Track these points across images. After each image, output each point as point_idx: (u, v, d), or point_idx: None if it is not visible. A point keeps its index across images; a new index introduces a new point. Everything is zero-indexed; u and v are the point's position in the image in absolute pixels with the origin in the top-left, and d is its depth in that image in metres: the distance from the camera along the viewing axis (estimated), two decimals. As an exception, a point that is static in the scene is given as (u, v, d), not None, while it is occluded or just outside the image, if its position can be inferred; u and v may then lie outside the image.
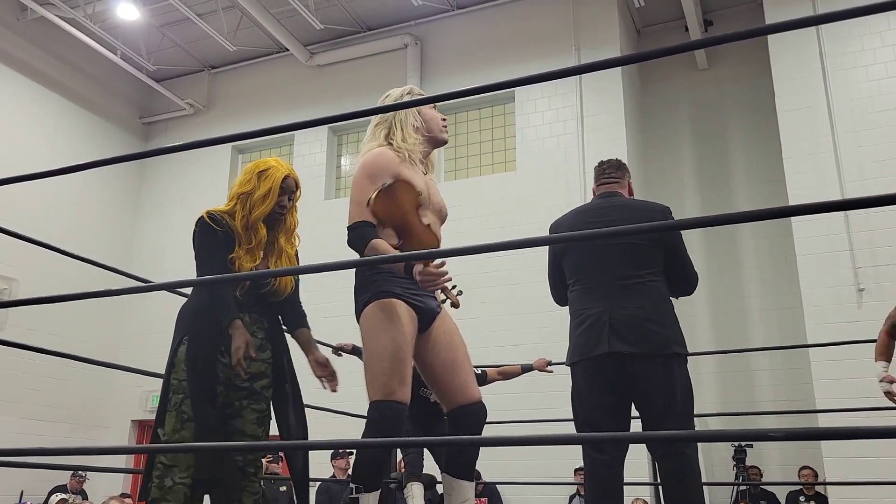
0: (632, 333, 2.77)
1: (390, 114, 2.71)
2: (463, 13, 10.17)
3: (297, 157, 10.67)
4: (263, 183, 2.76)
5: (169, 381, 2.64)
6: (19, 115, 9.95)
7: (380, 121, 2.76)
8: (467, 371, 2.61)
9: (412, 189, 2.57)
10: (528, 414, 6.95)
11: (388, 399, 2.42)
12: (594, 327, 2.83)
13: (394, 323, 2.47)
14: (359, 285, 2.62)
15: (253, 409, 2.70)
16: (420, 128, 2.73)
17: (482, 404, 2.60)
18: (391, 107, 1.88)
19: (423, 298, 2.58)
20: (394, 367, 2.43)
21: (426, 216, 2.63)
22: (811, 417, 7.10)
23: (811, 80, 7.99)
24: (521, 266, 8.37)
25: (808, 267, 7.54)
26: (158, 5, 10.00)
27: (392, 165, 2.59)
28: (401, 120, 2.70)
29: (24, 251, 8.26)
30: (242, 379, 2.65)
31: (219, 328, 2.63)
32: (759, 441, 2.36)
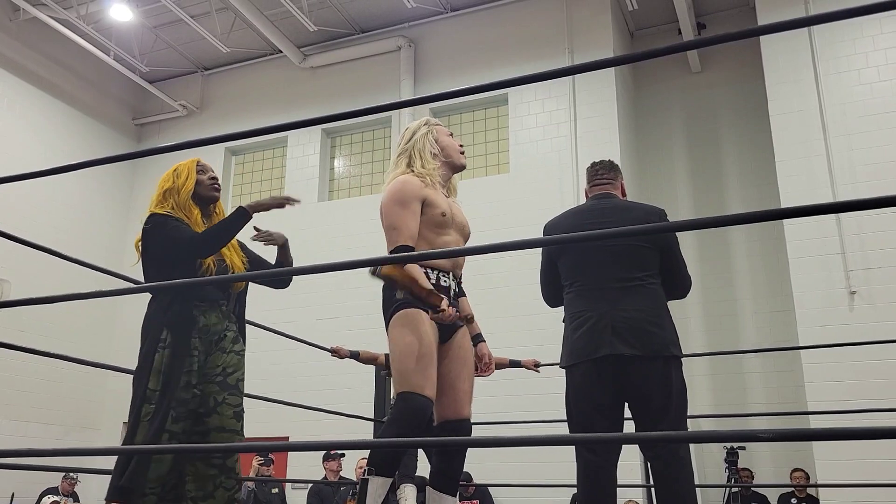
0: (633, 335, 2.77)
1: (410, 144, 2.92)
2: (456, 15, 10.18)
3: (290, 159, 10.66)
4: (180, 174, 2.92)
5: (144, 391, 2.59)
6: (11, 116, 9.91)
7: (401, 151, 2.95)
8: (465, 391, 2.77)
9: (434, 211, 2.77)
10: (521, 416, 6.95)
11: (415, 392, 2.55)
12: (595, 329, 2.81)
13: (418, 327, 2.63)
14: (387, 297, 2.75)
15: (228, 403, 2.70)
16: (438, 154, 2.92)
17: (468, 423, 2.77)
18: (384, 107, 1.88)
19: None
20: (419, 364, 2.58)
21: (450, 234, 2.82)
22: (803, 419, 7.12)
23: (803, 84, 8.03)
24: (514, 268, 8.38)
25: (800, 270, 7.57)
26: (152, 6, 9.98)
27: (417, 189, 2.77)
28: (419, 149, 2.90)
29: (16, 252, 8.22)
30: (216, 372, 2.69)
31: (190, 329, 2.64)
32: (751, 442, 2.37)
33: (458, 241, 2.87)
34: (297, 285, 9.98)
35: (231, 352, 2.76)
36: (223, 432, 2.65)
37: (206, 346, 2.71)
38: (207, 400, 2.67)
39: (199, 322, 2.70)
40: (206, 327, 2.72)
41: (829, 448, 6.82)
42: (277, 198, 2.91)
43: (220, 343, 2.75)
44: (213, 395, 2.68)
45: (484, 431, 3.20)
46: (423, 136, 2.92)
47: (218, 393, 2.69)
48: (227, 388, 2.72)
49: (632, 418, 2.90)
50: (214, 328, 2.75)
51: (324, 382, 8.71)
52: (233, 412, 2.70)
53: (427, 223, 2.78)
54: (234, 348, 2.78)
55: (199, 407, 2.65)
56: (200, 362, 2.66)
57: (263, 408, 4.95)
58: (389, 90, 10.08)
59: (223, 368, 2.72)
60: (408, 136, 2.96)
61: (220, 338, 2.76)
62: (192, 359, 2.63)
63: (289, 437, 8.89)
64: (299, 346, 5.40)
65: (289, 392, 6.84)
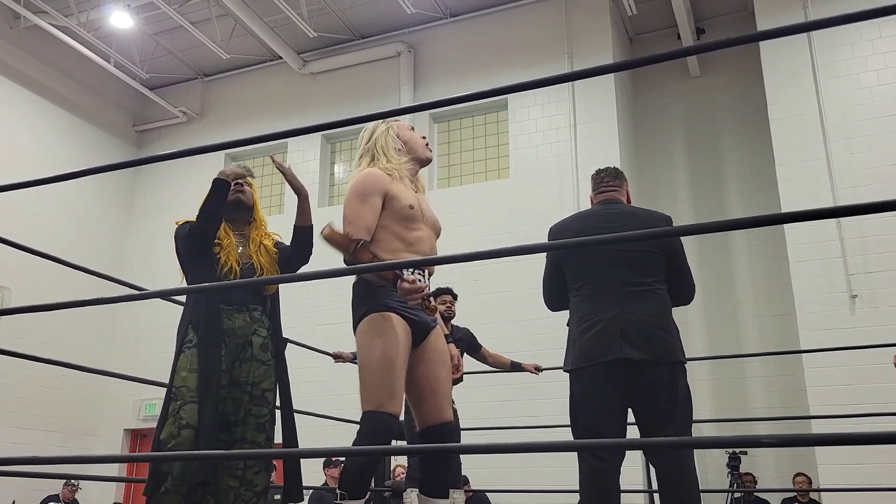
0: (643, 340, 2.76)
1: (371, 143, 2.85)
2: (456, 21, 10.20)
3: (290, 165, 10.66)
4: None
5: (170, 388, 2.66)
6: (12, 123, 9.92)
7: (363, 152, 2.88)
8: (445, 393, 2.69)
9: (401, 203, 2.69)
10: (522, 421, 6.94)
11: (379, 410, 2.48)
12: (605, 333, 2.80)
13: (388, 336, 2.53)
14: (356, 296, 2.68)
15: (253, 414, 2.71)
16: (401, 150, 2.85)
17: (452, 425, 2.69)
18: (384, 113, 1.88)
19: (417, 312, 2.63)
20: (386, 379, 2.49)
21: (421, 229, 2.73)
22: (805, 424, 7.11)
23: (803, 88, 8.04)
24: (514, 273, 8.38)
25: (802, 274, 7.57)
26: (152, 13, 10.00)
27: (382, 183, 2.69)
28: (381, 146, 2.83)
29: (17, 259, 8.23)
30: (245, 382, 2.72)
31: (219, 332, 2.66)
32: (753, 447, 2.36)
33: (430, 236, 2.78)
34: (297, 291, 9.99)
35: (258, 360, 2.77)
36: (245, 444, 2.67)
37: (232, 349, 2.72)
38: (239, 409, 2.70)
39: (224, 325, 2.72)
40: (230, 330, 2.73)
41: (832, 453, 6.81)
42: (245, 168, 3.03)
43: (245, 349, 2.76)
44: (244, 405, 2.70)
45: (484, 436, 3.21)
46: (384, 133, 2.85)
47: (247, 403, 2.71)
48: (254, 399, 2.73)
49: (635, 423, 2.89)
50: (240, 332, 2.75)
51: (324, 389, 8.69)
52: (256, 423, 2.71)
53: (394, 217, 2.68)
54: (262, 357, 2.78)
55: (231, 415, 2.68)
56: (228, 365, 2.69)
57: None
58: (389, 96, 10.09)
59: (252, 378, 2.74)
60: (367, 136, 2.89)
61: (245, 342, 2.76)
62: (218, 357, 2.67)
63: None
64: (299, 352, 5.39)
65: (294, 400, 6.83)
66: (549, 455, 7.37)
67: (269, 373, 2.79)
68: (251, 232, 2.98)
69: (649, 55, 1.57)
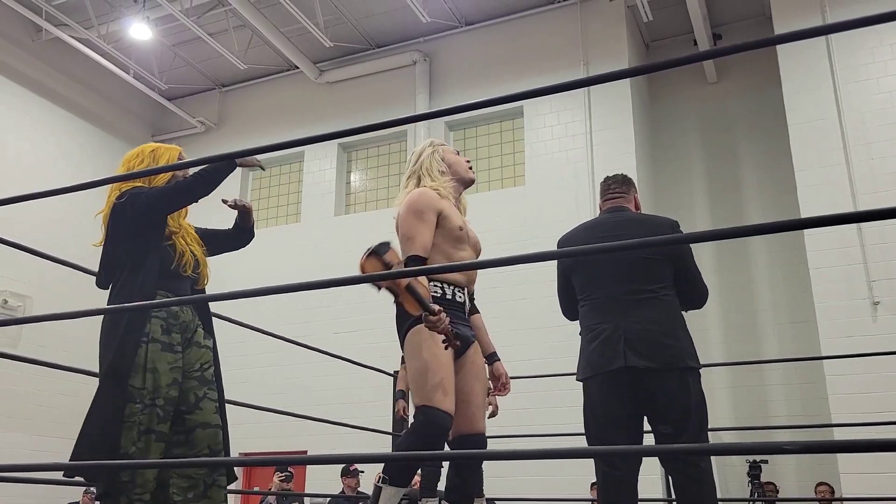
0: (647, 348, 2.75)
1: (417, 165, 3.00)
2: (471, 29, 10.23)
3: (307, 174, 10.73)
4: (158, 159, 2.79)
5: (125, 388, 2.47)
6: (34, 134, 10.06)
7: (410, 174, 3.01)
8: (479, 406, 2.83)
9: (452, 224, 2.82)
10: (538, 429, 6.90)
11: (433, 405, 2.58)
12: (609, 342, 2.81)
13: (435, 340, 2.63)
14: (400, 318, 2.78)
15: (209, 398, 2.65)
16: (445, 171, 2.99)
17: (483, 436, 2.82)
18: (400, 121, 1.89)
19: (458, 326, 2.76)
20: (436, 378, 2.61)
21: (466, 250, 2.88)
22: (826, 432, 7.02)
23: (822, 93, 7.97)
24: (530, 281, 8.35)
25: (822, 280, 7.49)
26: (170, 25, 10.11)
27: (435, 201, 2.83)
28: (426, 168, 2.97)
29: (37, 268, 8.33)
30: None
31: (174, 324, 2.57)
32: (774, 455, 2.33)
33: (473, 258, 2.93)
34: (314, 299, 10.00)
35: (204, 346, 2.71)
36: (208, 427, 2.60)
37: (183, 342, 2.64)
38: (188, 396, 2.60)
39: (179, 317, 2.63)
40: (183, 322, 2.65)
41: (854, 461, 6.71)
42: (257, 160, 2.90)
43: (193, 338, 2.69)
44: (194, 390, 2.62)
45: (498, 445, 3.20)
46: (430, 156, 2.99)
47: (198, 388, 2.63)
48: (206, 382, 2.66)
49: (651, 431, 2.87)
50: (190, 324, 2.69)
51: (342, 396, 8.71)
52: (214, 407, 2.65)
53: (445, 237, 2.81)
54: (206, 343, 2.73)
55: (181, 404, 2.58)
56: (180, 359, 2.60)
57: (282, 422, 4.94)
58: (405, 104, 10.12)
59: (200, 364, 2.67)
60: (415, 159, 3.03)
61: (193, 332, 2.70)
62: (175, 354, 2.57)
63: (307, 451, 8.89)
64: (318, 359, 5.41)
65: (307, 406, 6.85)
66: (565, 464, 7.32)
67: (210, 356, 2.73)
68: (180, 220, 2.82)
69: (665, 60, 1.57)
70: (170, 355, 2.54)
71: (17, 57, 10.02)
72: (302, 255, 9.87)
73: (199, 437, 2.57)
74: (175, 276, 2.66)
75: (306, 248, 10.01)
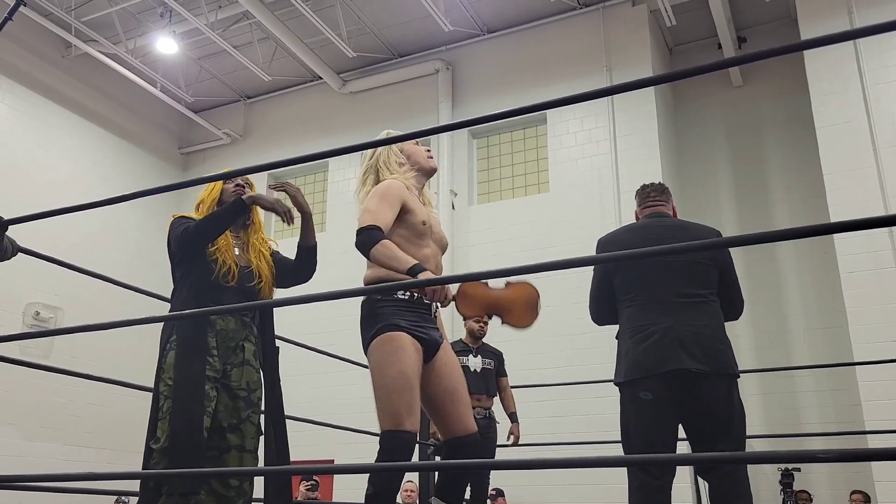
0: (701, 351, 2.70)
1: (373, 160, 2.88)
2: (493, 37, 10.24)
3: (331, 183, 10.80)
4: (209, 186, 2.95)
5: (158, 389, 2.56)
6: (64, 148, 10.25)
7: (366, 169, 2.90)
8: (465, 402, 2.71)
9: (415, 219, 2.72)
10: (568, 437, 6.86)
11: (398, 429, 2.50)
12: (662, 342, 2.74)
13: (400, 355, 2.55)
14: (365, 316, 2.68)
15: (252, 422, 2.63)
16: (404, 163, 2.86)
17: (477, 436, 2.71)
18: (425, 132, 1.89)
19: (427, 330, 2.66)
20: (402, 398, 2.51)
21: (429, 246, 2.76)
22: (861, 439, 6.89)
23: (850, 95, 7.86)
24: (557, 288, 8.28)
25: (853, 285, 7.36)
26: (196, 39, 10.26)
27: (402, 192, 2.72)
28: (384, 161, 2.85)
29: (68, 280, 8.46)
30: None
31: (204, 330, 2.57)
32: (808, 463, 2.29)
33: (437, 253, 2.81)
34: (338, 307, 9.99)
35: (251, 366, 2.69)
36: (244, 452, 2.58)
37: (224, 351, 2.63)
38: (233, 415, 2.59)
39: (216, 325, 2.63)
40: (223, 331, 2.64)
41: (890, 469, 6.58)
42: (279, 203, 2.79)
43: (237, 353, 2.67)
44: (241, 410, 2.60)
45: (526, 452, 3.18)
46: (386, 148, 2.87)
47: (244, 409, 2.61)
48: (251, 405, 2.65)
49: (686, 437, 2.82)
50: (233, 334, 2.66)
51: (367, 405, 8.72)
52: (255, 431, 2.64)
53: (407, 231, 2.71)
54: (255, 364, 2.71)
55: (223, 421, 2.57)
56: (220, 365, 2.59)
57: (308, 431, 4.96)
58: (428, 113, 10.16)
59: (248, 384, 2.65)
60: (369, 153, 2.92)
61: (238, 346, 2.67)
62: (210, 358, 2.57)
63: (334, 460, 8.91)
64: (343, 368, 5.42)
65: (333, 414, 6.87)
66: (592, 473, 7.26)
67: (260, 380, 2.71)
68: (250, 236, 2.88)
69: (689, 67, 1.56)
70: (201, 357, 2.55)
71: (48, 73, 10.22)
72: (327, 263, 9.90)
73: (232, 459, 2.55)
74: (217, 287, 2.67)
75: (332, 256, 10.06)
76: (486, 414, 5.09)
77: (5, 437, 8.85)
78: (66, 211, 2.14)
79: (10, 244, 2.35)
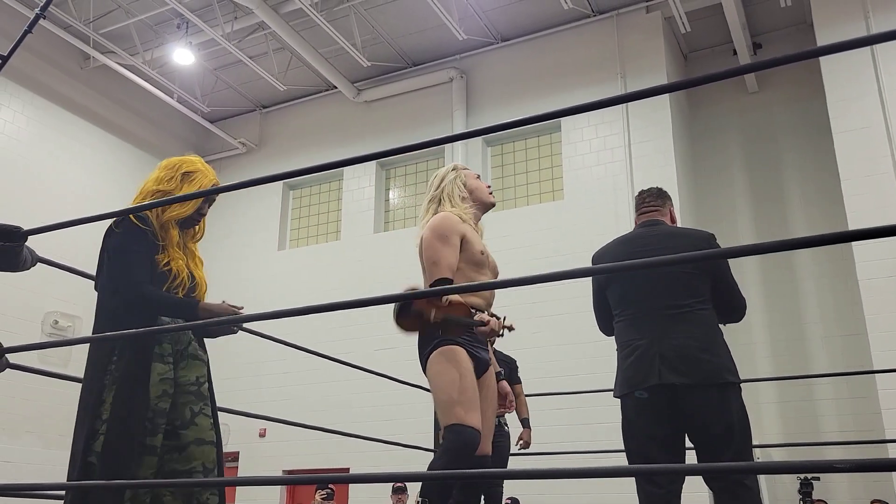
0: (683, 364, 2.71)
1: (439, 190, 3.05)
2: (507, 45, 10.26)
3: (346, 192, 10.84)
4: (188, 186, 2.73)
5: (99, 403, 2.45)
6: (82, 159, 10.37)
7: (431, 198, 3.06)
8: (489, 429, 2.88)
9: (474, 249, 2.89)
10: (582, 446, 6.82)
11: (461, 423, 2.62)
12: (643, 358, 2.77)
13: (459, 362, 2.71)
14: (422, 339, 2.82)
15: (205, 413, 2.55)
16: (466, 197, 3.03)
17: (489, 459, 2.85)
18: (439, 140, 1.90)
19: (479, 350, 2.82)
20: (462, 396, 2.65)
21: (486, 275, 2.93)
22: (881, 448, 6.81)
23: (867, 100, 7.80)
24: (571, 295, 8.29)
25: (872, 292, 7.29)
26: (212, 49, 10.35)
27: (458, 225, 2.88)
28: (448, 194, 3.02)
29: (87, 289, 8.53)
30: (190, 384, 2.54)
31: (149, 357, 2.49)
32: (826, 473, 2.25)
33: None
34: (354, 316, 10.02)
35: (200, 360, 2.63)
36: (203, 444, 2.50)
37: (176, 354, 2.57)
38: (183, 411, 2.51)
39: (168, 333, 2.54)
40: (174, 336, 2.57)
41: (911, 479, 6.50)
42: (230, 309, 2.61)
43: (188, 349, 2.61)
44: (189, 405, 2.52)
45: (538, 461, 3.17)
46: (452, 182, 3.03)
47: (194, 403, 2.53)
48: (202, 397, 2.57)
49: (693, 448, 2.82)
50: (184, 335, 2.61)
51: (384, 413, 8.73)
52: (210, 423, 2.57)
53: (467, 261, 2.87)
54: (203, 356, 2.66)
55: (175, 419, 2.49)
56: (175, 369, 2.52)
57: (323, 439, 4.97)
58: (442, 121, 10.18)
59: (196, 378, 2.59)
60: (436, 183, 3.07)
61: (187, 345, 2.62)
62: (165, 365, 2.49)
63: (350, 469, 8.91)
64: (358, 376, 5.43)
65: (349, 423, 6.88)
66: (607, 483, 7.22)
67: (205, 370, 2.65)
68: (194, 244, 2.82)
69: (705, 74, 1.56)
70: (159, 366, 2.48)
71: (67, 84, 10.35)
72: (342, 272, 9.96)
73: (194, 454, 2.48)
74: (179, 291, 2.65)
75: (347, 265, 10.10)
76: (497, 422, 5.08)
77: (25, 446, 8.93)
78: (84, 221, 2.17)
79: (29, 254, 2.38)
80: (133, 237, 2.58)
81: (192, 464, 2.47)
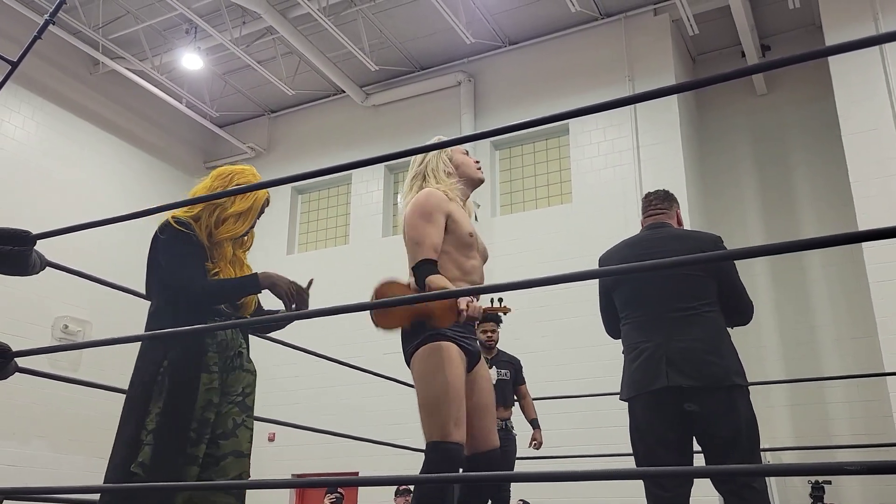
0: (690, 366, 2.69)
1: (422, 165, 2.85)
2: (515, 49, 10.26)
3: (354, 196, 10.86)
4: (242, 201, 2.68)
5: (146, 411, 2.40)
6: (91, 164, 10.43)
7: (414, 174, 2.88)
8: (492, 418, 2.73)
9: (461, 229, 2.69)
10: (592, 449, 6.80)
11: (445, 440, 2.46)
12: (650, 361, 2.76)
13: (447, 365, 2.52)
14: (406, 335, 2.67)
15: (247, 426, 2.51)
16: (452, 172, 2.84)
17: (498, 452, 2.70)
18: (448, 142, 1.90)
19: (470, 341, 2.66)
20: (449, 408, 2.48)
21: (475, 258, 2.74)
22: (893, 451, 6.75)
23: (877, 101, 7.76)
24: (579, 298, 8.27)
25: (883, 294, 7.24)
26: (221, 54, 10.40)
27: (444, 203, 2.69)
28: (433, 169, 2.83)
29: (96, 293, 8.58)
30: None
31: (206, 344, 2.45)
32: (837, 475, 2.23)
33: (481, 265, 2.80)
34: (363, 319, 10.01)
35: (248, 370, 2.59)
36: (240, 457, 2.45)
37: (224, 362, 2.52)
38: (227, 421, 2.46)
39: (217, 336, 2.51)
40: (223, 342, 2.52)
41: (924, 482, 6.44)
42: (294, 288, 2.59)
43: (236, 359, 2.56)
44: (234, 416, 2.47)
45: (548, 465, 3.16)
46: (436, 156, 2.84)
47: (238, 415, 2.48)
48: (246, 409, 2.52)
49: (701, 451, 2.80)
50: (232, 343, 2.56)
51: (393, 417, 8.72)
52: (250, 435, 2.52)
53: (454, 243, 2.68)
54: (250, 367, 2.61)
55: (218, 428, 2.44)
56: (221, 379, 2.48)
57: (333, 443, 4.97)
58: (450, 125, 10.19)
59: (242, 388, 2.54)
60: (420, 159, 2.89)
61: (236, 354, 2.57)
62: (211, 375, 2.45)
63: (359, 472, 8.91)
64: (368, 380, 5.43)
65: (359, 427, 6.88)
66: (616, 486, 7.19)
67: (254, 384, 2.61)
68: (244, 252, 2.80)
69: (713, 75, 1.55)
70: (205, 375, 2.43)
71: (76, 90, 10.42)
72: (351, 276, 9.97)
73: (230, 466, 2.42)
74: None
75: (355, 269, 10.10)
76: (503, 425, 5.06)
77: (35, 450, 8.97)
78: (93, 225, 2.18)
79: (38, 258, 2.39)
80: (180, 239, 2.57)
81: (226, 476, 2.42)
